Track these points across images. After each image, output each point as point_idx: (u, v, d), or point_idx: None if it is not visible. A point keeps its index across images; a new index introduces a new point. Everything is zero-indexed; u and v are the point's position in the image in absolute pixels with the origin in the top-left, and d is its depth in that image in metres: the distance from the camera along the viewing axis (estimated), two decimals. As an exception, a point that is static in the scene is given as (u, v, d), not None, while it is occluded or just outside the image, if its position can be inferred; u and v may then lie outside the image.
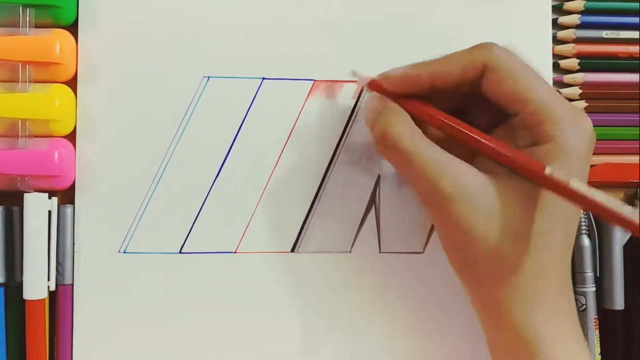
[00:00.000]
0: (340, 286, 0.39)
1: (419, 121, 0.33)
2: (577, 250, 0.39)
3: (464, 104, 0.35)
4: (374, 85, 0.34)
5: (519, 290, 0.31)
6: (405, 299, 0.39)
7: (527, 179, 0.30)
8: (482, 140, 0.31)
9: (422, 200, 0.32)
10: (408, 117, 0.32)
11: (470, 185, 0.31)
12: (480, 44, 0.33)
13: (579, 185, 0.29)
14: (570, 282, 0.33)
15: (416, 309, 0.39)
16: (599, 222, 0.40)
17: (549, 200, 0.31)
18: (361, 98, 0.39)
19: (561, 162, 0.30)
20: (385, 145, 0.32)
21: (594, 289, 0.39)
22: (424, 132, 0.32)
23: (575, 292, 0.40)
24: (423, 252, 0.39)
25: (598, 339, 0.39)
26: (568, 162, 0.30)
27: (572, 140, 0.31)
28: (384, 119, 0.32)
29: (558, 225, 0.31)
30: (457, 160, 0.31)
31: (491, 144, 0.31)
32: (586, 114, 0.32)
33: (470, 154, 0.33)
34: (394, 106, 0.33)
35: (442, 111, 0.33)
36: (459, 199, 0.30)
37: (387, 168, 0.39)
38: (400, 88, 0.33)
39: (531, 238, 0.30)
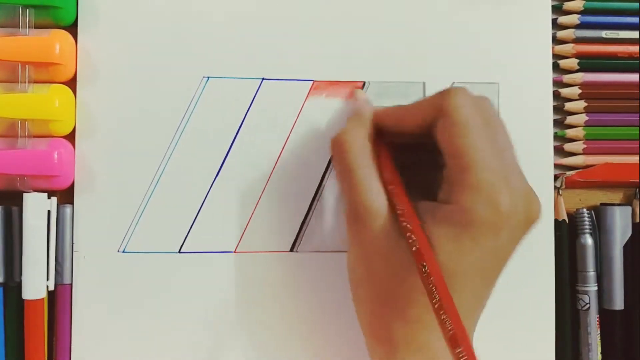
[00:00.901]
0: (340, 285, 0.38)
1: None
2: (580, 249, 0.39)
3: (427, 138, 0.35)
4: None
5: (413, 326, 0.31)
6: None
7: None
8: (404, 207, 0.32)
9: (347, 209, 0.33)
10: (367, 131, 0.34)
11: (385, 229, 0.32)
12: (446, 89, 0.32)
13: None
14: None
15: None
16: (600, 221, 0.40)
17: (468, 245, 0.30)
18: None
19: (457, 227, 0.30)
20: (334, 146, 0.34)
21: (597, 288, 0.39)
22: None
23: (578, 292, 0.40)
24: (423, 252, 0.39)
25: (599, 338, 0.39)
26: (464, 231, 0.30)
27: (476, 212, 0.29)
28: (348, 123, 0.35)
29: (474, 267, 0.30)
30: (385, 201, 0.32)
31: (406, 213, 0.31)
32: (536, 196, 0.32)
33: None
34: (364, 116, 0.35)
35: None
36: (374, 219, 0.32)
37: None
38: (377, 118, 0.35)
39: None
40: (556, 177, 0.40)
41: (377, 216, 0.32)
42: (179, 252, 0.38)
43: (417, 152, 0.35)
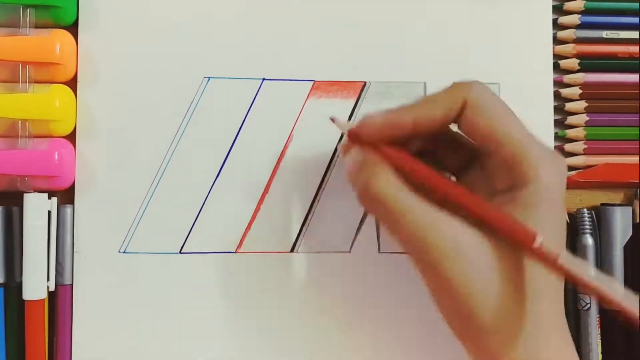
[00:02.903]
0: (340, 286, 0.38)
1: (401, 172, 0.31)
2: (580, 249, 0.39)
3: (433, 145, 0.34)
4: (353, 135, 0.32)
5: (523, 342, 0.29)
6: (404, 299, 0.39)
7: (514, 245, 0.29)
8: (472, 204, 0.30)
9: (414, 261, 0.30)
10: (390, 171, 0.30)
11: (463, 243, 0.29)
12: (459, 83, 0.31)
13: (568, 261, 0.28)
14: (567, 328, 0.31)
15: (416, 308, 0.39)
16: (601, 222, 0.40)
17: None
18: (359, 103, 0.39)
19: (542, 206, 0.29)
20: (369, 201, 0.30)
21: (597, 288, 0.39)
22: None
23: (578, 292, 0.40)
24: (423, 252, 0.39)
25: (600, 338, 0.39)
26: (549, 205, 0.29)
27: (551, 183, 0.30)
28: (365, 174, 0.30)
29: (548, 288, 0.30)
30: (446, 215, 0.29)
31: (480, 209, 0.29)
32: (560, 154, 0.32)
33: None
34: (375, 159, 0.31)
35: (416, 156, 0.31)
36: (453, 257, 0.29)
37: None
38: (383, 134, 0.31)
39: (526, 286, 0.29)
40: (557, 178, 0.40)
41: (464, 247, 0.29)
42: (180, 252, 0.38)
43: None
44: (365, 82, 0.39)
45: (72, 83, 0.37)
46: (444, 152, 0.35)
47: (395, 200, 0.29)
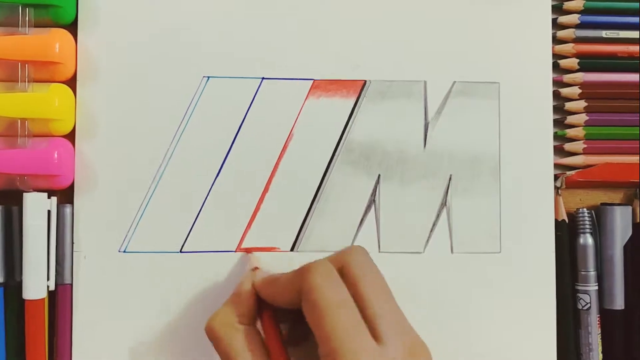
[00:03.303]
0: (341, 285, 0.38)
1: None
2: (580, 249, 0.39)
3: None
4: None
5: None
6: (404, 299, 0.39)
7: None
8: None
9: None
10: (246, 308, 0.33)
11: None
12: (302, 268, 0.31)
13: None
14: None
15: (415, 308, 0.39)
16: (600, 221, 0.40)
17: None
18: (359, 102, 0.39)
19: None
20: (207, 335, 0.33)
21: (597, 287, 0.39)
22: None
23: (578, 291, 0.40)
24: (423, 252, 0.39)
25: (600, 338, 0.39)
26: None
27: None
28: (223, 305, 0.34)
29: None
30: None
31: None
32: (399, 347, 0.30)
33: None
34: (243, 292, 0.34)
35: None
36: None
37: (387, 168, 0.39)
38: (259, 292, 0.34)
39: None
40: (556, 177, 0.40)
41: None
42: (180, 251, 0.38)
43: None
44: (365, 81, 0.39)
45: (72, 82, 0.37)
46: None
47: (223, 340, 0.32)
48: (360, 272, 0.31)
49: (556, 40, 0.41)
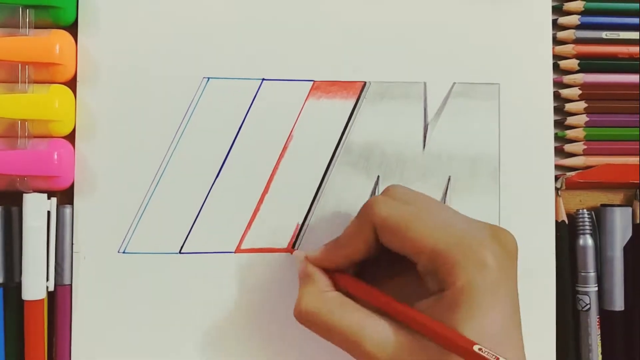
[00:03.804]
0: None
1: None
2: (580, 250, 0.39)
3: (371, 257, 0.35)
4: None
5: None
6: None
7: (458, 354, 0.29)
8: (409, 315, 0.31)
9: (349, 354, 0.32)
10: (324, 282, 0.34)
11: (390, 347, 0.30)
12: (365, 205, 0.33)
13: None
14: None
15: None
16: (600, 222, 0.40)
17: (488, 313, 0.29)
18: (359, 103, 0.39)
19: (465, 307, 0.29)
20: (302, 320, 0.33)
21: (597, 288, 0.39)
22: None
23: (578, 292, 0.40)
24: (423, 253, 0.39)
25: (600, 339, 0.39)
26: (473, 305, 0.29)
27: (472, 281, 0.29)
28: (300, 290, 0.34)
29: (498, 330, 0.29)
30: (376, 318, 0.31)
31: (418, 319, 0.30)
32: (485, 236, 0.31)
33: None
34: (310, 272, 0.34)
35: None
36: (379, 357, 0.30)
37: (387, 168, 0.39)
38: (325, 267, 0.34)
39: None
40: (556, 178, 0.40)
41: (391, 346, 0.30)
42: (180, 252, 0.38)
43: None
44: (365, 82, 0.39)
45: (72, 83, 0.37)
46: (380, 263, 0.35)
47: (325, 313, 0.32)
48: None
49: (556, 41, 0.41)
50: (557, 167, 0.40)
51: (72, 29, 0.38)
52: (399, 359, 0.30)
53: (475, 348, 0.28)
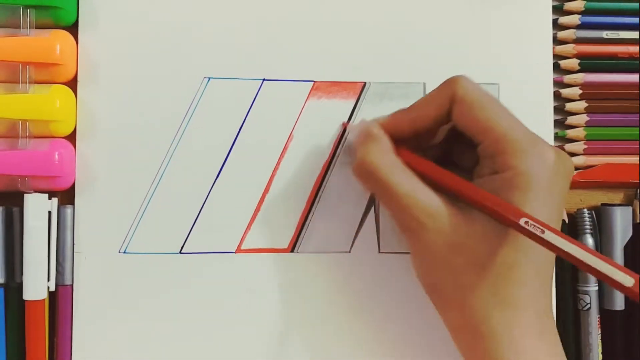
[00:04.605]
0: (340, 286, 0.38)
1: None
2: (580, 249, 0.39)
3: (447, 145, 0.36)
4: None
5: (500, 305, 0.31)
6: (404, 299, 0.39)
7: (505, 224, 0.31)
8: (460, 186, 0.32)
9: (397, 223, 0.34)
10: (389, 145, 0.34)
11: (439, 217, 0.32)
12: (448, 79, 0.34)
13: (553, 236, 0.29)
14: (552, 319, 0.33)
15: (415, 308, 0.39)
16: (601, 222, 0.40)
17: (514, 234, 0.31)
18: (359, 104, 0.39)
19: (521, 189, 0.31)
20: (361, 172, 0.34)
21: (597, 288, 0.39)
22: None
23: (578, 292, 0.40)
24: (423, 252, 0.39)
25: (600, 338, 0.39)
26: (528, 190, 0.31)
27: (532, 169, 0.31)
28: (364, 146, 0.34)
29: (524, 258, 0.31)
30: (430, 191, 0.33)
31: (468, 190, 0.32)
32: (549, 144, 0.33)
33: None
34: (377, 133, 0.34)
35: (426, 155, 0.35)
36: (428, 228, 0.32)
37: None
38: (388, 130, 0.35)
39: (494, 269, 0.31)
40: (557, 178, 0.40)
41: (440, 216, 0.32)
42: (180, 252, 0.38)
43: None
44: (365, 83, 0.39)
45: (73, 83, 0.37)
46: (456, 151, 0.37)
47: (386, 171, 0.33)
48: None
49: (557, 41, 0.41)
50: (558, 166, 0.40)
51: (73, 29, 0.38)
52: (443, 228, 0.32)
53: (522, 222, 0.30)
